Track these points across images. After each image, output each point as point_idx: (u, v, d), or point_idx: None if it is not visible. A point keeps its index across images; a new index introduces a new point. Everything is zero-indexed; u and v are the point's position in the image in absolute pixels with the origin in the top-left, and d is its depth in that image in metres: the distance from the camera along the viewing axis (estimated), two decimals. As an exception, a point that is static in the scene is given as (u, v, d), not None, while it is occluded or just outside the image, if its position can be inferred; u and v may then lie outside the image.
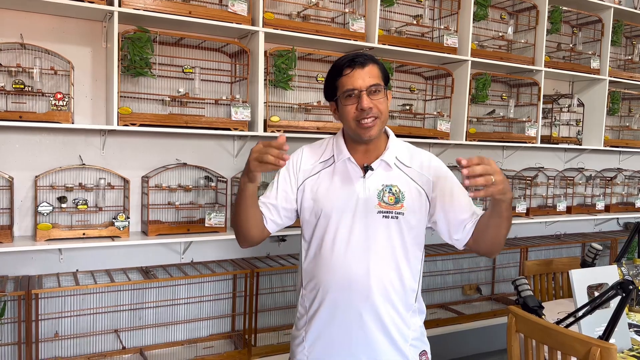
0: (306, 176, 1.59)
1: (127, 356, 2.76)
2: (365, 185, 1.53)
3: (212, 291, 2.98)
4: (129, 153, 2.77)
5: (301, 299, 1.62)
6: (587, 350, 1.56)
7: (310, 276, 1.58)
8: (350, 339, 1.53)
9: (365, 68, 1.49)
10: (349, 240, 1.51)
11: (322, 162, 1.60)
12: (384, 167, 1.55)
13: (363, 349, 1.53)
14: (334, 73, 1.53)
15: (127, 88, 2.65)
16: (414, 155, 1.60)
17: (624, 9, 4.08)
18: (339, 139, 1.61)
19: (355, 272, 1.50)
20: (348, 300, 1.51)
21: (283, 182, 1.60)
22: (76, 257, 2.68)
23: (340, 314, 1.53)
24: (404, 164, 1.57)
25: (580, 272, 1.91)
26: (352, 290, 1.50)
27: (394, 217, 1.51)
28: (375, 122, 1.49)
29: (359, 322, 1.51)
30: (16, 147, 2.54)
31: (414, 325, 1.58)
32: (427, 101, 3.57)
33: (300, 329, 1.63)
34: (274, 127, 2.84)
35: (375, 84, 1.48)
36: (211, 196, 2.93)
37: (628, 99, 4.46)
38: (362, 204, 1.52)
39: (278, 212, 1.60)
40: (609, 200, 4.36)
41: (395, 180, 1.54)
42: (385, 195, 1.52)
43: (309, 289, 1.59)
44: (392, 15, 3.31)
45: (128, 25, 2.55)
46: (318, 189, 1.56)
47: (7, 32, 2.47)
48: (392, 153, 1.57)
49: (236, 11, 2.68)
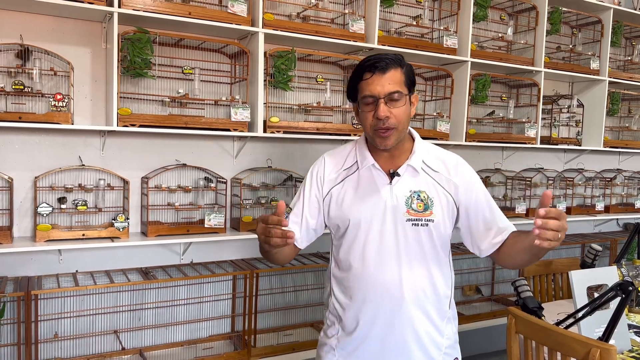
0: (331, 186, 1.55)
1: (127, 357, 2.76)
2: (392, 192, 1.48)
3: (211, 292, 2.98)
4: (129, 154, 2.77)
5: (331, 307, 1.59)
6: (587, 352, 1.56)
7: (341, 285, 1.56)
8: (383, 349, 1.50)
9: (387, 74, 1.42)
10: (379, 250, 1.48)
11: (345, 170, 1.55)
12: (411, 173, 1.50)
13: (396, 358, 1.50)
14: (356, 75, 1.48)
15: (127, 89, 2.65)
16: (442, 158, 1.55)
17: (624, 9, 4.08)
18: (361, 145, 1.56)
19: (387, 282, 1.47)
20: (381, 312, 1.48)
21: (308, 197, 1.56)
22: (76, 258, 2.68)
23: (373, 324, 1.50)
24: (432, 169, 1.52)
25: (580, 273, 1.91)
26: (385, 301, 1.47)
27: (424, 225, 1.47)
28: (391, 133, 1.44)
29: (392, 333, 1.49)
30: (16, 148, 2.54)
31: (447, 333, 1.55)
32: (426, 102, 3.57)
33: (330, 337, 1.60)
34: (274, 127, 2.84)
35: (395, 91, 1.42)
36: (211, 197, 2.93)
37: (628, 100, 4.46)
38: (391, 211, 1.47)
39: (307, 230, 1.57)
40: (609, 201, 4.36)
41: (423, 186, 1.49)
42: (414, 202, 1.48)
43: (339, 298, 1.56)
44: (392, 16, 3.31)
45: (128, 26, 2.55)
46: (344, 198, 1.52)
47: (6, 33, 2.47)
48: (419, 157, 1.51)
49: (236, 12, 2.68)
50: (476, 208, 1.52)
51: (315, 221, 1.57)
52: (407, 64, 1.49)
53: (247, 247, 3.09)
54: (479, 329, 3.51)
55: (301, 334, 3.08)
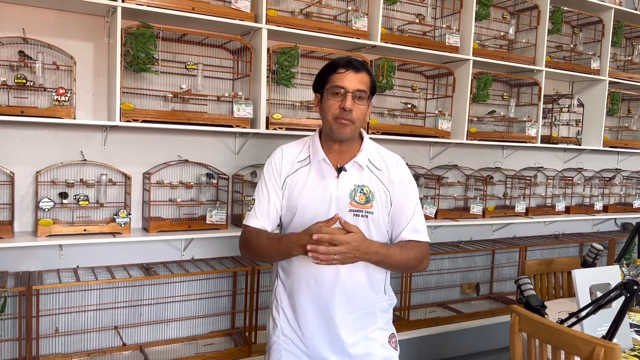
0: (286, 175, 1.67)
1: (127, 353, 2.75)
2: (338, 185, 1.61)
3: (212, 288, 2.98)
4: (131, 149, 2.76)
5: (276, 291, 1.73)
6: (591, 350, 1.57)
7: (284, 270, 1.69)
8: (322, 329, 1.64)
9: (359, 74, 1.58)
10: None
11: (299, 162, 1.69)
12: (357, 168, 1.64)
13: (335, 337, 1.63)
14: (328, 68, 1.62)
15: (130, 84, 2.64)
16: (385, 158, 1.69)
17: (625, 9, 4.09)
18: (315, 140, 1.69)
19: (324, 267, 1.57)
20: (318, 294, 1.62)
21: (273, 185, 1.68)
22: (77, 253, 2.67)
23: (310, 306, 1.63)
24: (375, 167, 1.66)
25: (583, 272, 1.92)
26: (321, 284, 1.61)
27: (364, 216, 1.61)
28: (350, 125, 1.58)
29: (327, 314, 1.62)
30: (17, 142, 2.52)
31: (382, 312, 1.71)
32: (428, 100, 3.57)
33: (274, 320, 1.72)
34: (276, 124, 2.84)
35: (363, 90, 1.58)
36: (212, 193, 2.93)
37: (627, 100, 4.47)
38: (335, 202, 1.60)
39: (276, 218, 1.69)
40: (607, 201, 4.38)
41: (367, 181, 1.63)
42: (357, 195, 1.61)
43: (282, 282, 1.70)
44: (395, 13, 3.30)
45: (131, 20, 2.54)
46: (295, 187, 1.65)
47: (9, 26, 2.45)
48: (365, 155, 1.65)
49: (239, 8, 2.68)
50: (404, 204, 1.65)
51: (278, 207, 1.69)
52: (372, 74, 1.67)
53: (248, 244, 3.08)
54: (478, 326, 3.52)
55: (301, 331, 3.08)
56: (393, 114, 3.43)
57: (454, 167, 3.65)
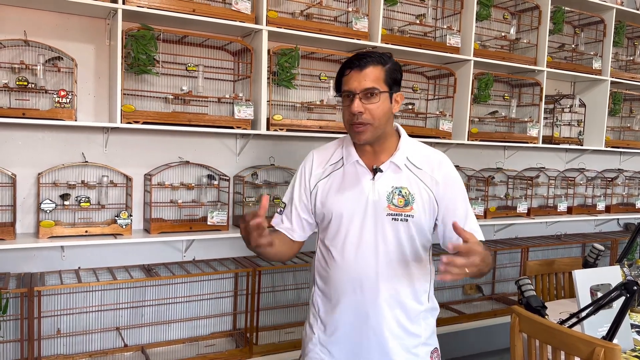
0: (318, 180, 1.59)
1: (129, 354, 2.76)
2: (374, 187, 1.51)
3: (213, 289, 2.98)
4: (132, 151, 2.77)
5: (313, 298, 1.64)
6: (591, 351, 1.56)
7: (322, 277, 1.60)
8: (361, 340, 1.54)
9: (364, 70, 1.46)
10: (358, 244, 1.52)
11: (331, 165, 1.59)
12: (394, 169, 1.53)
13: (374, 350, 1.54)
14: (339, 71, 1.53)
15: (131, 86, 2.65)
16: (426, 156, 1.57)
17: (626, 9, 4.08)
18: (347, 141, 1.59)
19: (364, 274, 1.51)
20: (358, 303, 1.53)
21: (298, 191, 1.62)
22: (78, 254, 2.68)
23: (351, 316, 1.54)
24: (415, 165, 1.54)
25: (583, 273, 1.91)
26: (361, 292, 1.52)
27: (404, 220, 1.50)
28: (366, 128, 1.46)
29: (368, 324, 1.53)
30: (19, 144, 2.53)
31: (425, 324, 1.59)
32: (429, 101, 3.57)
33: (312, 327, 1.64)
34: (277, 125, 2.84)
35: (370, 87, 1.45)
36: (213, 194, 2.93)
37: (629, 100, 4.46)
38: (372, 206, 1.51)
39: (300, 223, 1.62)
40: (610, 201, 4.37)
41: (405, 182, 1.52)
42: (395, 198, 1.50)
43: (321, 289, 1.61)
44: (395, 14, 3.31)
45: (132, 22, 2.55)
46: (328, 191, 1.56)
47: (10, 29, 2.46)
48: (403, 154, 1.54)
49: (240, 9, 2.68)
50: (454, 206, 1.54)
51: (307, 215, 1.62)
52: (392, 62, 1.51)
53: (249, 245, 3.08)
54: (479, 327, 3.52)
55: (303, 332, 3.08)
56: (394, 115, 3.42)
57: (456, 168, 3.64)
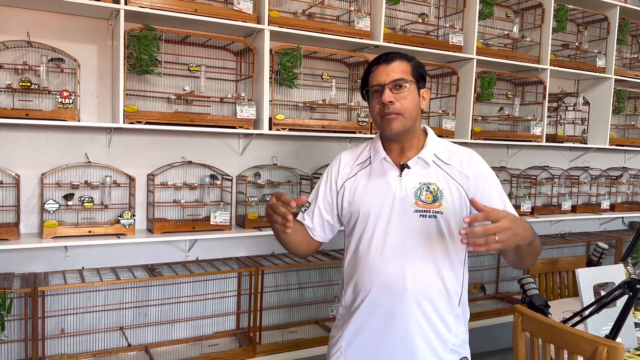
0: (345, 179, 1.60)
1: (133, 353, 2.77)
2: (401, 184, 1.51)
3: (217, 289, 2.98)
4: (135, 151, 2.77)
5: (343, 298, 1.62)
6: (594, 349, 1.56)
7: (350, 276, 1.59)
8: (385, 340, 1.52)
9: (392, 64, 1.49)
10: (385, 240, 1.50)
11: (359, 164, 1.61)
12: (422, 165, 1.52)
13: (399, 351, 1.51)
14: (366, 72, 1.55)
15: (133, 86, 2.66)
16: (455, 152, 1.56)
17: (630, 7, 4.06)
18: (376, 141, 1.61)
19: (391, 273, 1.49)
20: (385, 301, 1.50)
21: (323, 192, 1.64)
22: (82, 254, 2.69)
23: (377, 315, 1.52)
24: (443, 161, 1.53)
25: (586, 271, 1.91)
26: (388, 290, 1.49)
27: (432, 216, 1.48)
28: (397, 117, 1.47)
29: (394, 323, 1.50)
30: (22, 145, 2.54)
31: (456, 330, 1.54)
32: (432, 99, 3.56)
33: (339, 328, 1.63)
34: (279, 125, 2.84)
35: (400, 78, 1.47)
36: (216, 194, 2.94)
37: (634, 98, 4.44)
38: (399, 203, 1.49)
39: (322, 223, 1.64)
40: (614, 199, 4.35)
41: (434, 178, 1.50)
42: (423, 194, 1.49)
43: (348, 289, 1.60)
44: (397, 13, 3.30)
45: (134, 23, 2.55)
46: (356, 189, 1.57)
47: (13, 30, 2.47)
48: (431, 150, 1.53)
49: (242, 9, 2.68)
50: (489, 200, 1.49)
51: (330, 216, 1.63)
52: (416, 60, 1.55)
53: (252, 245, 3.09)
54: (483, 327, 3.51)
55: (306, 331, 3.08)
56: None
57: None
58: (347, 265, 1.61)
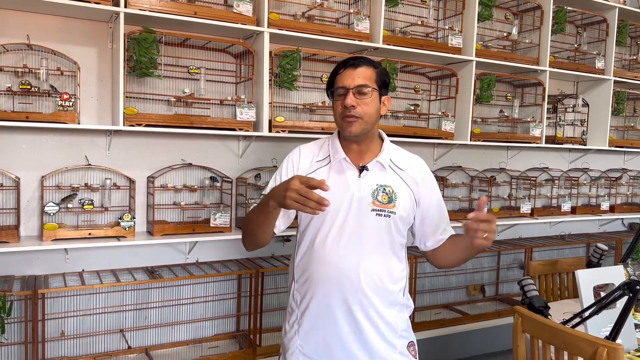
0: (305, 173, 1.63)
1: (133, 356, 2.77)
2: (360, 184, 1.60)
3: (217, 291, 2.99)
4: (135, 153, 2.78)
5: (293, 294, 1.68)
6: (594, 351, 1.56)
7: (303, 270, 1.65)
8: (342, 331, 1.59)
9: (358, 69, 1.57)
10: (341, 236, 1.57)
11: (318, 161, 1.66)
12: (379, 168, 1.63)
13: (354, 340, 1.59)
14: (332, 73, 1.63)
15: (133, 88, 2.66)
16: (407, 159, 1.69)
17: (629, 9, 4.07)
18: (334, 139, 1.67)
19: (346, 266, 1.56)
20: (338, 293, 1.57)
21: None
22: (82, 257, 2.69)
23: (331, 307, 1.59)
24: (398, 167, 1.65)
25: (586, 272, 1.91)
26: (342, 283, 1.57)
27: (387, 216, 1.58)
28: (357, 121, 1.55)
29: (349, 315, 1.58)
30: (23, 148, 2.55)
31: (402, 318, 1.66)
32: (431, 101, 3.57)
33: (292, 323, 1.67)
34: (279, 127, 2.85)
35: (363, 84, 1.55)
36: (216, 196, 2.94)
37: (633, 99, 4.44)
38: (357, 201, 1.58)
39: (283, 215, 1.64)
40: (614, 201, 4.35)
41: (389, 181, 1.61)
42: (379, 195, 1.59)
43: (300, 283, 1.66)
44: (397, 15, 3.31)
45: (134, 25, 2.56)
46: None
47: (13, 33, 2.48)
48: (387, 155, 1.64)
49: (241, 12, 2.69)
50: (430, 206, 1.68)
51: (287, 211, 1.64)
52: (382, 67, 1.64)
53: (252, 247, 3.09)
54: (483, 328, 3.51)
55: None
56: (396, 115, 3.43)
57: (458, 169, 3.64)
58: (299, 259, 1.66)
